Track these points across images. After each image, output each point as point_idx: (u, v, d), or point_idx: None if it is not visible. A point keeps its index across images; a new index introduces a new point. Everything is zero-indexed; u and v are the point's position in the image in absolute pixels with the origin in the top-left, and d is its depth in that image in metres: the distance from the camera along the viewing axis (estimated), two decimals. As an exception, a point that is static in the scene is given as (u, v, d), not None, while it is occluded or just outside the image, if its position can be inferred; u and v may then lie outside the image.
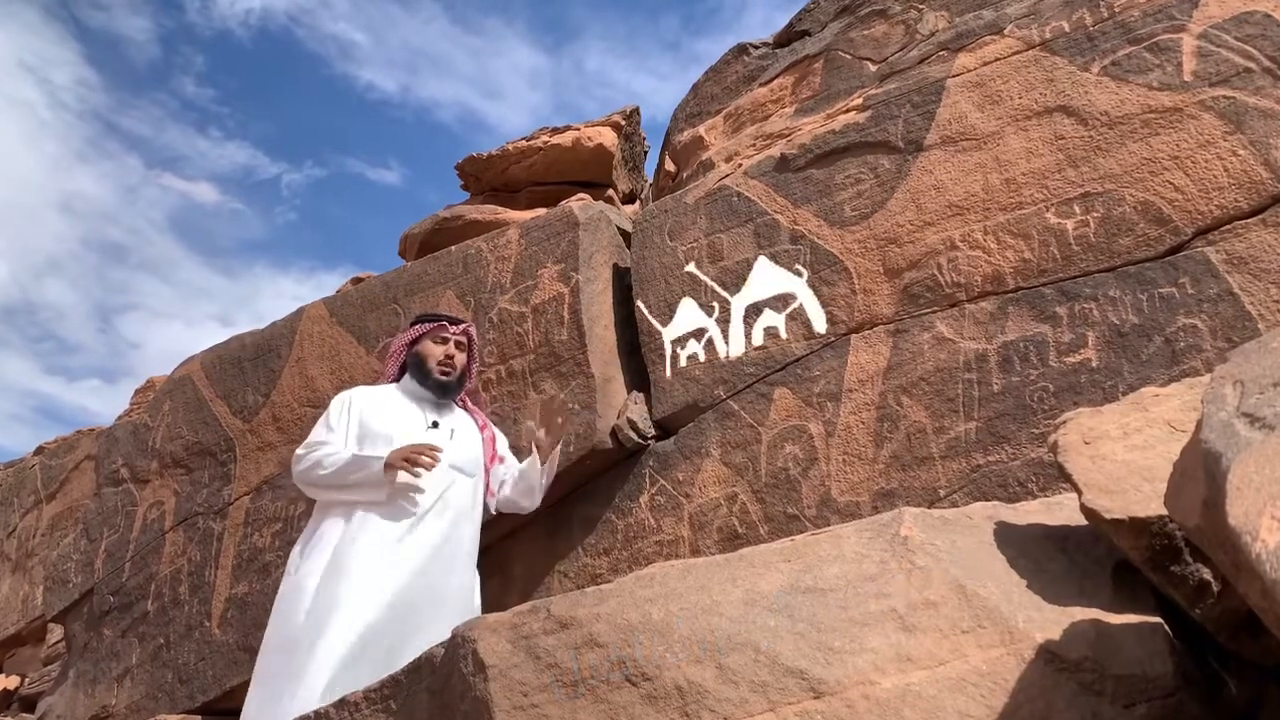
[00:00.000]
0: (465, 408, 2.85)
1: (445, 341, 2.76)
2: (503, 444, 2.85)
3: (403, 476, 2.35)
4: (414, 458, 2.32)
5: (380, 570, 2.26)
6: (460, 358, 2.77)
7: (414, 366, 2.70)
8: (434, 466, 2.34)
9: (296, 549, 2.40)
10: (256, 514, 3.73)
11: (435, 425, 2.62)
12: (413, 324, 2.86)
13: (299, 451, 2.48)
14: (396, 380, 2.78)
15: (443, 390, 2.69)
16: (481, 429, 2.79)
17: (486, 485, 2.71)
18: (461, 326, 2.83)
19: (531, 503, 2.73)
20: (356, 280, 4.85)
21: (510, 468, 2.75)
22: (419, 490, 2.39)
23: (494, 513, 2.76)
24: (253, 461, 3.88)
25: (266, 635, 2.26)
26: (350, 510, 2.35)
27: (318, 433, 2.53)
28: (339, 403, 2.60)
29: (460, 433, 2.67)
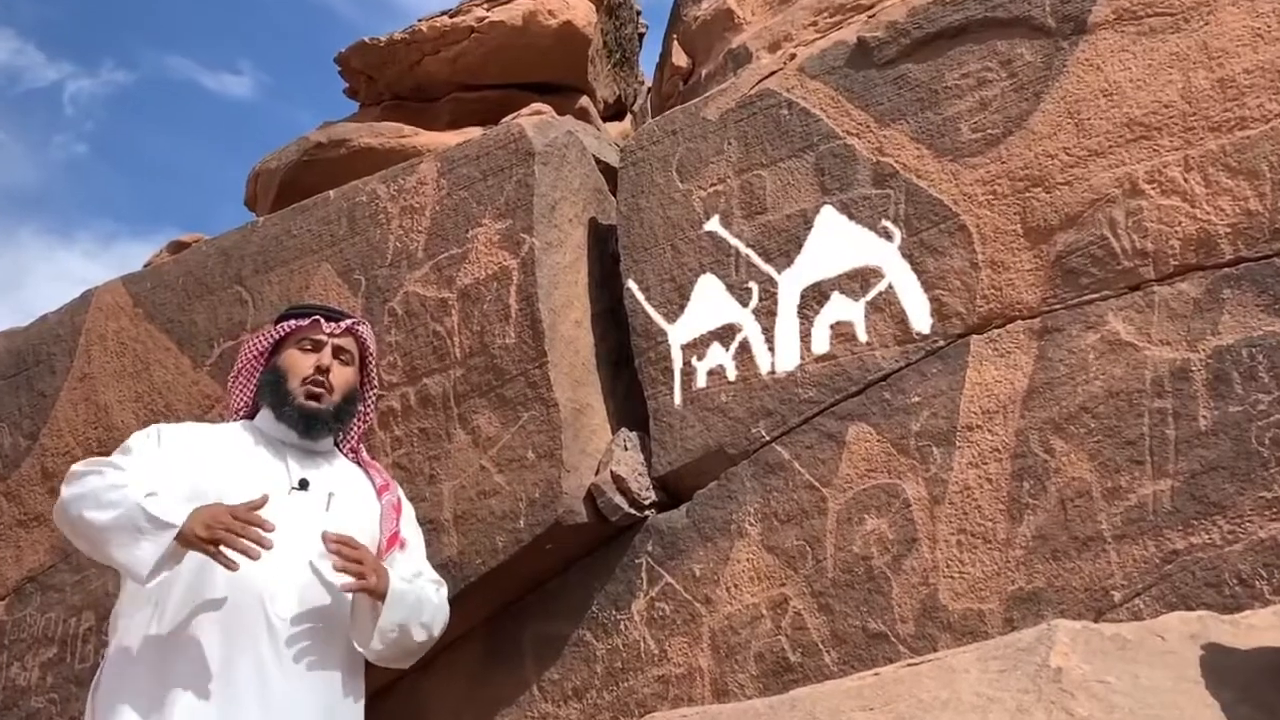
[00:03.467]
0: (357, 459, 2.84)
1: (317, 348, 2.71)
2: (410, 520, 2.83)
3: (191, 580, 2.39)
4: (226, 536, 2.30)
5: None
6: (344, 373, 2.72)
7: (269, 388, 2.69)
8: (260, 552, 2.32)
9: (91, 705, 2.40)
10: (17, 632, 3.71)
11: (303, 485, 2.59)
12: (278, 322, 2.84)
13: (76, 467, 2.47)
14: (250, 415, 2.78)
15: (307, 424, 2.66)
16: (380, 491, 2.77)
17: None
18: (345, 323, 2.78)
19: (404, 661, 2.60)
20: (178, 247, 4.85)
21: (416, 562, 2.72)
22: (261, 598, 2.39)
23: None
24: (9, 544, 3.87)
25: None
26: (169, 638, 2.35)
27: (114, 458, 2.53)
28: (151, 434, 2.60)
29: (343, 499, 2.64)
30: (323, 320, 2.73)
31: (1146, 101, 2.69)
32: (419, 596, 2.52)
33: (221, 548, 2.28)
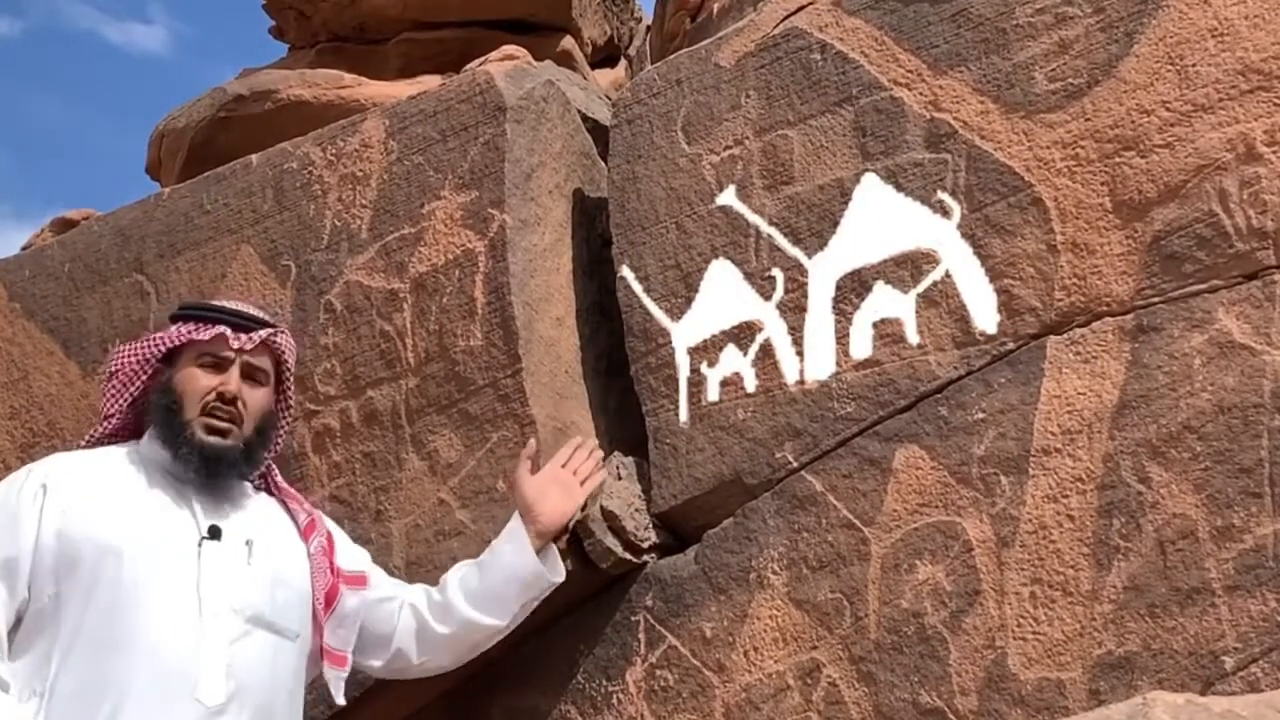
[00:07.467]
0: (270, 486, 2.89)
1: (221, 366, 2.72)
2: (348, 548, 2.90)
3: None
4: None
5: None
6: (257, 397, 2.74)
7: (160, 414, 2.71)
8: None
9: None
10: None
11: (214, 534, 2.63)
12: (174, 319, 2.86)
13: None
14: (135, 436, 2.81)
15: (209, 466, 2.68)
16: (305, 532, 2.82)
17: (321, 646, 2.74)
18: (260, 336, 2.76)
19: (454, 655, 2.84)
20: (64, 225, 4.85)
21: (388, 588, 2.83)
22: (189, 682, 2.42)
23: (341, 701, 2.78)
24: None
25: None
26: None
27: None
28: (14, 493, 2.60)
29: (265, 547, 2.70)
30: (229, 333, 2.69)
31: (1266, 43, 2.67)
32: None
33: None
